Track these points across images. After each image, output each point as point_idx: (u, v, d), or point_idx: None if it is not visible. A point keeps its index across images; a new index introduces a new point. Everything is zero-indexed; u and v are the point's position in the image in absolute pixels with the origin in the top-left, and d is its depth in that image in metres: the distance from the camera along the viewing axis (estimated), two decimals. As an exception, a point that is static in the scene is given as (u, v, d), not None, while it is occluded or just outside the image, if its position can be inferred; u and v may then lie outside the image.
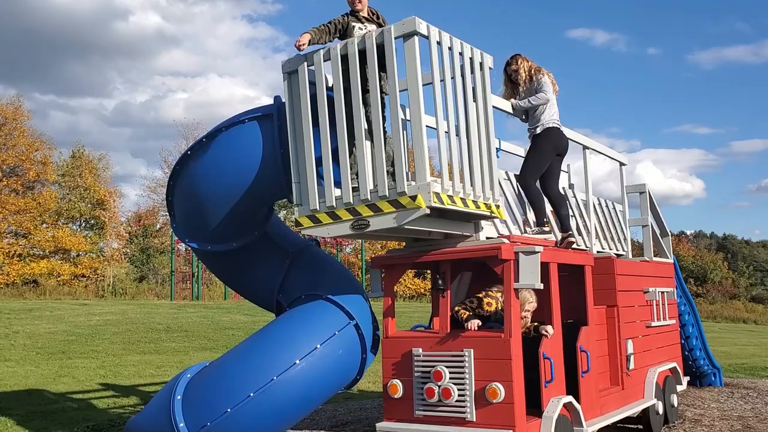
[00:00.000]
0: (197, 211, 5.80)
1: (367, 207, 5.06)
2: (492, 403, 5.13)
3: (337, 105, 5.08)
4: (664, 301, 8.02)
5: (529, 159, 6.47)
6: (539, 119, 6.38)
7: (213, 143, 5.65)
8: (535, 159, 6.42)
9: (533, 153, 6.45)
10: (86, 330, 17.24)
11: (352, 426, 8.14)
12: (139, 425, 5.68)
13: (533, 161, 6.43)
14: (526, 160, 6.49)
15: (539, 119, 6.38)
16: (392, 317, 5.88)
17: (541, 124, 6.38)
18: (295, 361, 5.27)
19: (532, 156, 6.44)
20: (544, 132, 6.39)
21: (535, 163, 6.45)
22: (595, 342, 6.35)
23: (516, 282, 5.32)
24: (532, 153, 6.46)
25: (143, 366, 13.10)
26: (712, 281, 50.18)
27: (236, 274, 6.34)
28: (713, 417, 8.06)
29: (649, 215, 8.51)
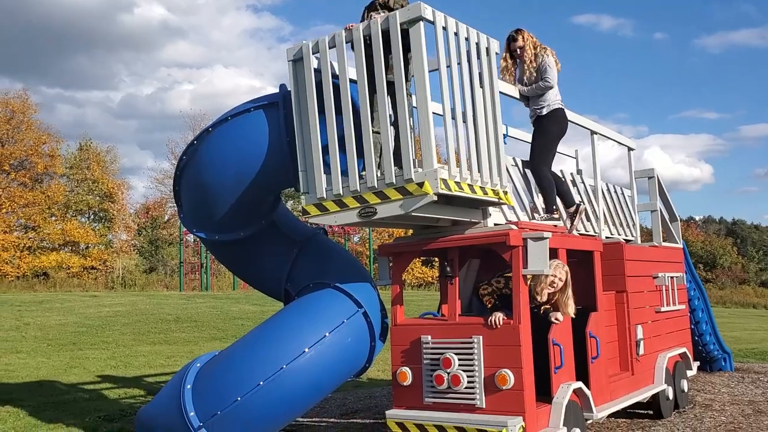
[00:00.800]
0: (204, 200, 5.79)
1: (374, 194, 5.03)
2: (501, 390, 5.12)
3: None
4: (673, 286, 7.98)
5: (538, 144, 6.35)
6: (545, 99, 6.31)
7: (219, 132, 5.63)
8: (544, 143, 6.34)
9: (542, 137, 6.34)
10: (96, 321, 17.35)
11: (361, 414, 8.16)
12: (149, 414, 5.70)
13: (543, 146, 6.34)
14: (536, 146, 6.37)
15: (545, 99, 6.31)
16: (401, 305, 5.88)
17: (547, 105, 6.30)
18: (304, 349, 5.27)
19: (542, 140, 6.33)
20: (552, 113, 6.33)
21: (546, 148, 6.38)
22: (604, 327, 6.33)
23: (524, 268, 5.30)
24: (541, 137, 6.35)
25: (153, 356, 13.18)
26: (721, 266, 49.99)
27: (244, 264, 6.34)
28: (724, 402, 8.04)
29: (658, 200, 8.45)
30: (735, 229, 65.66)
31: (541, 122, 6.34)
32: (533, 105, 6.38)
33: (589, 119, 7.37)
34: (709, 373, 10.25)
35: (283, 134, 5.39)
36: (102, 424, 7.76)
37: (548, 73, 6.26)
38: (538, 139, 6.38)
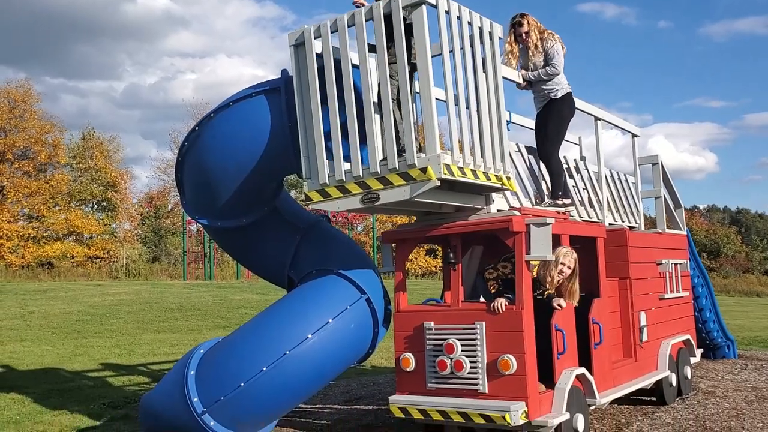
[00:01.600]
0: (206, 187, 5.78)
1: (376, 180, 5.01)
2: (504, 375, 5.12)
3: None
4: (677, 273, 7.96)
5: (552, 127, 6.29)
6: (558, 82, 6.26)
7: (221, 118, 5.61)
8: (559, 127, 6.31)
9: (555, 120, 6.28)
10: (101, 310, 17.41)
11: (365, 400, 8.18)
12: (153, 401, 5.72)
13: (557, 129, 6.31)
14: (550, 129, 6.30)
15: (558, 82, 6.26)
16: (404, 291, 5.87)
17: (561, 88, 6.27)
18: (307, 335, 5.27)
19: (555, 123, 6.28)
20: (565, 96, 6.29)
21: (559, 132, 6.36)
22: (607, 314, 6.32)
23: (527, 254, 5.28)
24: (554, 120, 6.29)
25: (157, 344, 13.22)
26: (725, 255, 49.87)
27: (247, 251, 6.33)
28: (727, 388, 8.04)
29: (662, 187, 8.42)
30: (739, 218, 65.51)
31: (555, 105, 6.29)
32: (544, 88, 6.31)
33: (596, 107, 7.34)
34: (713, 361, 10.24)
35: (285, 119, 5.37)
36: (106, 410, 7.81)
37: (556, 59, 6.22)
38: (552, 121, 6.31)
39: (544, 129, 6.36)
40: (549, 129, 6.32)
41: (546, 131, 6.34)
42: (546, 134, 6.33)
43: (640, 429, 6.23)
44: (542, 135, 6.38)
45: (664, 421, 6.48)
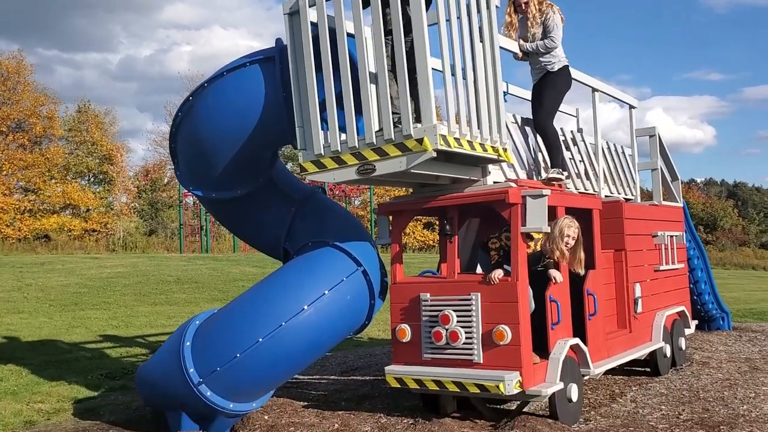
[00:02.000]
0: (200, 157, 5.73)
1: (372, 151, 4.98)
2: (499, 345, 5.15)
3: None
4: (672, 245, 7.98)
5: (548, 99, 6.28)
6: (555, 55, 6.22)
7: (214, 88, 5.55)
8: (554, 99, 6.30)
9: (552, 92, 6.27)
10: (98, 282, 17.44)
11: (361, 371, 8.24)
12: (149, 371, 5.75)
13: (553, 101, 6.30)
14: (545, 100, 6.28)
15: (555, 55, 6.22)
16: (400, 263, 5.88)
17: (558, 60, 6.23)
18: (303, 306, 5.28)
19: (552, 95, 6.26)
20: (562, 69, 6.27)
21: (554, 104, 6.35)
22: (602, 285, 6.34)
23: (523, 226, 5.28)
24: (550, 92, 6.27)
25: (154, 316, 13.27)
26: (722, 228, 50.05)
27: (242, 222, 6.31)
28: (721, 359, 8.11)
29: (659, 159, 8.40)
30: (736, 192, 65.56)
31: (551, 77, 6.27)
32: (541, 60, 6.27)
33: (594, 79, 7.28)
34: (707, 332, 10.32)
35: (279, 89, 5.31)
36: (104, 381, 7.85)
37: (555, 31, 6.16)
38: (548, 94, 6.30)
39: (539, 100, 6.34)
40: (545, 100, 6.31)
41: (541, 101, 6.32)
42: (542, 104, 6.31)
43: (634, 399, 6.29)
44: (537, 107, 6.35)
45: (657, 392, 6.54)
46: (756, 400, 6.03)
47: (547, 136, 6.28)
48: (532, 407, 5.87)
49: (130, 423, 5.99)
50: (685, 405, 5.98)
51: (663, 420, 5.54)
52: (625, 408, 5.99)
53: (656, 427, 5.32)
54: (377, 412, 5.99)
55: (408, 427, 5.39)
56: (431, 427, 5.27)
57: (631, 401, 6.22)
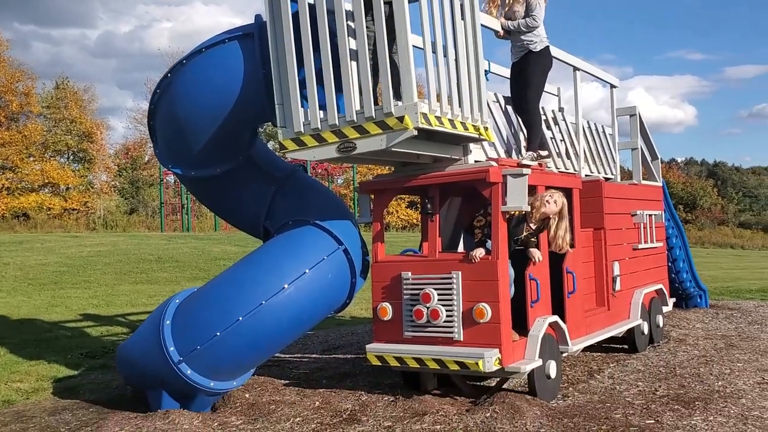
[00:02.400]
0: (179, 135, 5.67)
1: (353, 129, 4.95)
2: (479, 323, 5.19)
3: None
4: (651, 224, 8.05)
5: (535, 79, 6.23)
6: (538, 34, 6.17)
7: (193, 65, 5.48)
8: (540, 80, 6.26)
9: (537, 73, 6.21)
10: (78, 261, 17.30)
11: (343, 349, 8.27)
12: (129, 350, 5.73)
13: (539, 83, 6.25)
14: (532, 81, 6.22)
15: (538, 34, 6.17)
16: (381, 242, 5.88)
17: (540, 41, 6.18)
18: (283, 285, 5.28)
19: (537, 77, 6.21)
20: (544, 49, 6.23)
21: (540, 85, 6.32)
22: (581, 264, 6.40)
23: (503, 205, 5.30)
24: (535, 73, 6.21)
25: (135, 295, 13.21)
26: (701, 208, 50.57)
27: (221, 200, 6.27)
28: (697, 336, 8.23)
29: (639, 138, 8.44)
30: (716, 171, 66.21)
31: (534, 57, 6.21)
32: (523, 39, 6.21)
33: (576, 58, 7.27)
34: (685, 310, 10.46)
35: (258, 66, 5.25)
36: (84, 360, 7.82)
37: (537, 10, 6.10)
38: (532, 74, 6.23)
39: (524, 82, 6.27)
40: (531, 82, 6.24)
41: (528, 85, 6.24)
42: (528, 87, 6.25)
43: (612, 376, 6.37)
44: (522, 88, 6.29)
45: (635, 368, 6.63)
46: (731, 377, 6.14)
47: (532, 117, 6.25)
48: (512, 384, 5.93)
49: (111, 402, 5.99)
50: (662, 381, 6.07)
51: (639, 396, 5.62)
52: (602, 384, 6.07)
53: (633, 402, 5.39)
54: (358, 389, 6.02)
55: (389, 405, 5.43)
56: (412, 404, 5.32)
57: (609, 378, 6.30)
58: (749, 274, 18.62)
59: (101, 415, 5.49)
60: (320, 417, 5.25)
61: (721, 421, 4.87)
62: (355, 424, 5.04)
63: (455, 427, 4.82)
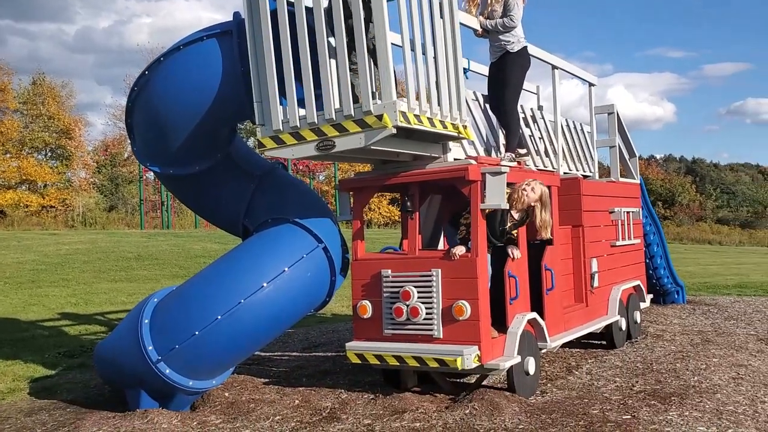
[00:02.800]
0: (157, 133, 5.63)
1: (332, 127, 4.95)
2: (458, 321, 5.21)
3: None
4: (629, 221, 8.13)
5: (514, 80, 6.23)
6: (515, 35, 6.19)
7: (171, 62, 5.44)
8: (518, 81, 6.27)
9: (515, 74, 6.22)
10: (56, 259, 17.10)
11: (323, 347, 8.27)
12: (107, 349, 5.69)
13: (517, 84, 6.26)
14: (511, 82, 6.23)
15: (515, 35, 6.19)
16: (361, 240, 5.89)
17: (518, 41, 6.20)
18: (262, 284, 5.26)
19: (515, 78, 6.22)
20: (523, 50, 6.25)
21: (520, 85, 6.34)
22: (560, 261, 6.45)
23: (482, 203, 5.32)
24: (513, 74, 6.22)
25: (114, 294, 13.09)
26: (680, 204, 51.11)
27: (200, 198, 6.23)
28: (674, 332, 8.33)
29: (617, 136, 8.51)
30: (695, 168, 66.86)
31: (512, 58, 6.23)
32: (501, 39, 6.22)
33: (555, 56, 7.31)
34: (663, 306, 10.58)
35: (237, 63, 5.23)
36: (62, 359, 7.75)
37: (514, 10, 6.10)
38: (510, 75, 6.24)
39: (502, 83, 6.27)
40: (509, 83, 6.24)
41: (506, 86, 6.25)
42: (507, 88, 6.25)
43: (590, 371, 6.43)
44: (500, 89, 6.29)
45: (612, 364, 6.70)
46: (706, 372, 6.22)
47: (511, 118, 6.26)
48: (491, 380, 5.97)
49: (88, 401, 5.94)
50: (639, 377, 6.14)
51: (617, 391, 5.68)
52: (580, 380, 6.12)
53: (610, 398, 5.45)
54: (338, 387, 6.03)
55: (369, 402, 5.44)
56: (392, 402, 5.33)
57: (587, 373, 6.36)
58: (726, 269, 18.87)
59: (79, 415, 5.44)
60: (300, 415, 5.25)
61: (696, 415, 4.94)
62: (334, 422, 5.05)
63: (435, 424, 4.84)
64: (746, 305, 10.64)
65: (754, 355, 6.92)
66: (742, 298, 11.67)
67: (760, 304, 10.71)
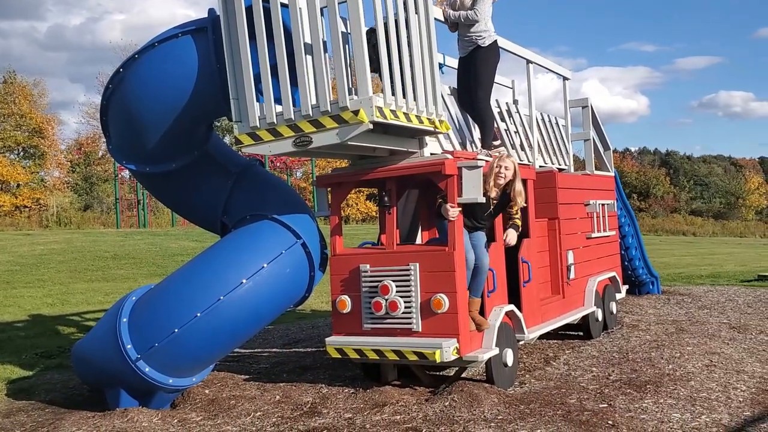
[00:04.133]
0: (132, 130, 5.60)
1: (309, 123, 4.96)
2: (437, 314, 5.26)
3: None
4: (604, 213, 8.24)
5: (485, 76, 6.24)
6: (487, 29, 6.20)
7: (146, 60, 5.41)
8: (489, 76, 6.28)
9: (486, 69, 6.23)
10: (30, 260, 16.89)
11: (303, 343, 8.29)
12: (86, 349, 5.66)
13: (488, 79, 6.27)
14: (482, 78, 6.24)
15: (487, 29, 6.20)
16: (340, 235, 5.91)
17: (489, 35, 6.21)
18: (241, 280, 5.27)
19: (486, 73, 6.23)
20: (492, 45, 6.27)
21: (492, 80, 6.35)
22: (536, 253, 6.52)
23: (459, 196, 5.37)
24: (484, 69, 6.23)
25: (91, 293, 12.98)
26: (654, 196, 51.71)
27: (177, 196, 6.21)
28: (649, 322, 8.46)
29: (591, 129, 8.61)
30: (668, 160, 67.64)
31: (482, 52, 6.23)
32: (471, 34, 6.25)
33: (529, 51, 7.38)
34: (638, 296, 10.73)
35: (212, 60, 5.22)
36: (39, 360, 7.68)
37: (479, 4, 6.10)
38: (482, 71, 6.25)
39: (474, 78, 6.28)
40: (481, 80, 6.24)
41: (478, 82, 6.26)
42: (478, 85, 6.26)
43: (567, 362, 6.52)
44: (472, 85, 6.30)
45: (589, 354, 6.80)
46: (680, 360, 6.33)
47: (485, 113, 6.29)
48: (470, 373, 6.03)
49: (67, 402, 5.90)
50: (615, 366, 6.24)
51: (594, 381, 5.77)
52: (558, 371, 6.21)
53: (587, 388, 5.54)
54: (319, 382, 6.05)
55: (349, 397, 5.48)
56: (372, 395, 5.37)
57: (564, 364, 6.45)
58: (700, 260, 19.17)
59: (57, 416, 5.41)
60: (281, 411, 5.26)
61: (671, 403, 5.04)
62: (315, 417, 5.07)
63: (414, 417, 4.89)
64: (719, 294, 10.84)
65: (726, 343, 7.06)
66: (716, 287, 11.87)
67: (732, 293, 10.91)
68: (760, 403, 5.05)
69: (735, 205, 55.51)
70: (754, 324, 8.14)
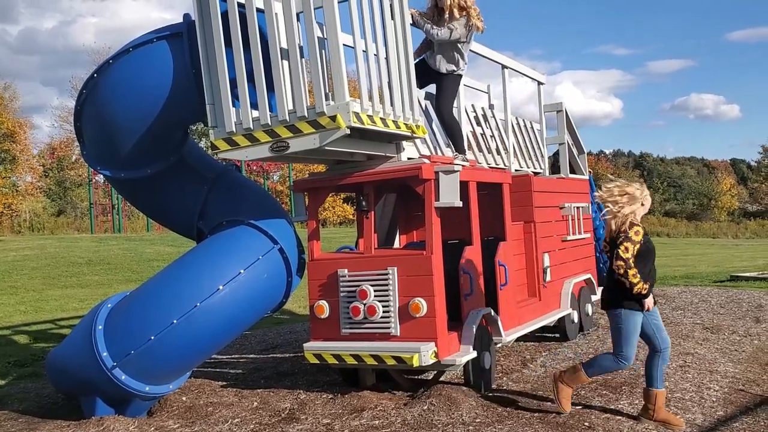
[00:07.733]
0: (107, 136, 5.54)
1: (286, 128, 4.95)
2: (415, 318, 5.28)
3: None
4: (579, 216, 8.33)
5: (450, 91, 6.24)
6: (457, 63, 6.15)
7: (120, 65, 5.35)
8: (453, 92, 6.30)
9: (453, 87, 6.24)
10: (2, 266, 16.64)
11: (281, 348, 8.26)
12: (60, 357, 5.59)
13: (452, 94, 6.28)
14: (448, 93, 6.22)
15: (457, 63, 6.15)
16: (317, 240, 5.91)
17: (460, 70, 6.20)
18: (218, 287, 5.23)
19: (452, 90, 6.26)
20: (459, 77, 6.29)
21: (454, 95, 6.35)
22: (513, 256, 6.57)
23: (436, 201, 5.39)
24: (452, 87, 6.24)
25: (66, 300, 12.82)
26: (628, 198, 52.20)
27: (153, 202, 6.16)
28: (624, 323, 8.53)
29: (566, 133, 8.70)
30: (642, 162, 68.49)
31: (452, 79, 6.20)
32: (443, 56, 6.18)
33: (504, 55, 7.44)
34: (613, 298, 10.81)
35: (188, 66, 5.18)
36: (12, 369, 7.58)
37: (445, 34, 5.94)
38: (450, 88, 6.22)
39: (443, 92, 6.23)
40: (448, 92, 6.22)
41: (444, 93, 6.22)
42: (445, 96, 6.23)
43: (544, 364, 6.57)
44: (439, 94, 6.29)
45: (566, 356, 6.86)
46: (655, 360, 6.40)
47: (452, 123, 6.27)
48: (448, 376, 6.05)
49: (41, 411, 5.83)
50: (591, 367, 6.29)
51: (570, 383, 5.81)
52: (535, 373, 6.26)
53: (564, 389, 5.58)
54: (297, 388, 6.03)
55: (328, 402, 5.47)
56: (350, 401, 5.37)
57: (541, 366, 6.50)
58: (674, 261, 19.44)
59: (32, 425, 5.34)
60: (259, 417, 5.24)
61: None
62: (294, 423, 5.06)
63: (393, 421, 4.90)
64: (693, 295, 10.99)
65: (700, 344, 7.16)
66: (689, 288, 12.05)
67: (705, 294, 11.07)
68: (732, 403, 5.14)
69: (708, 207, 56.36)
70: (727, 324, 8.27)
